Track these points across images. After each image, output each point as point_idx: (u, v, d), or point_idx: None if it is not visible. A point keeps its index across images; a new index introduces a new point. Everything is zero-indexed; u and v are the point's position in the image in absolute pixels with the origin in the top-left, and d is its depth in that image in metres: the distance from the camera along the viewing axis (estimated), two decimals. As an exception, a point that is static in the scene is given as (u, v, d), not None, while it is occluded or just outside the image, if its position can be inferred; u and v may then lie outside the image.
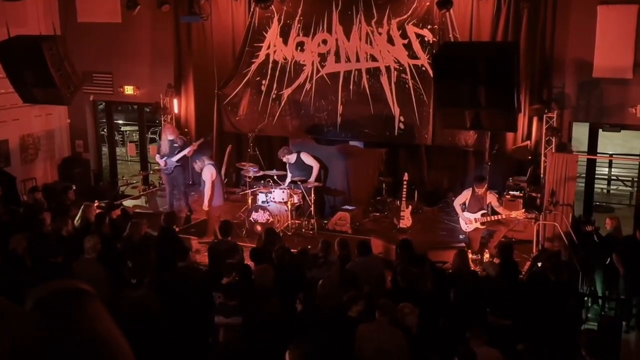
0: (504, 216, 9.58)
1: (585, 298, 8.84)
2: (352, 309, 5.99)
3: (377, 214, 11.68)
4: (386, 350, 5.58)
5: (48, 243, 7.75)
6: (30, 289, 0.82)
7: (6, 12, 11.11)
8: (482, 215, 9.58)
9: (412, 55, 11.84)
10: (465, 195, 9.73)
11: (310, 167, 11.33)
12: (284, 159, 11.45)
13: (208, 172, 11.00)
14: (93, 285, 0.92)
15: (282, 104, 12.82)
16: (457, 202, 9.83)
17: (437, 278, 7.25)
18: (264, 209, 10.65)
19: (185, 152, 11.39)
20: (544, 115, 10.88)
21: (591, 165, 11.92)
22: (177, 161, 11.38)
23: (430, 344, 5.99)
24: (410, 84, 11.91)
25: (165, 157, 11.42)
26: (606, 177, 15.17)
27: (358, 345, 5.70)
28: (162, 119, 13.46)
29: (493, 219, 9.59)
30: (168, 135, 11.53)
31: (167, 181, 11.76)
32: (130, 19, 13.33)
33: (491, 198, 9.66)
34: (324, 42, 12.38)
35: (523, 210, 9.88)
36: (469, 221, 9.66)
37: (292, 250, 8.18)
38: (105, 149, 15.74)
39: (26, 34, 10.97)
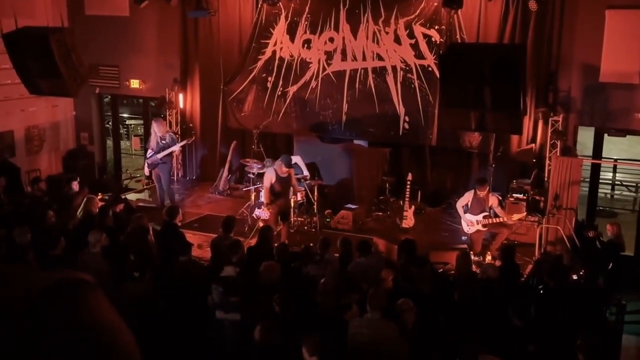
0: (505, 219, 9.57)
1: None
2: (349, 312, 5.99)
3: (380, 213, 11.68)
4: (378, 344, 5.60)
5: (49, 235, 7.77)
6: (30, 280, 0.83)
7: (14, 3, 11.15)
8: (484, 217, 9.57)
9: (419, 55, 11.83)
10: (467, 197, 9.72)
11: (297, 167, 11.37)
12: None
13: (267, 175, 10.17)
14: (96, 278, 0.93)
15: (288, 101, 12.81)
16: (459, 204, 9.82)
17: (437, 279, 7.25)
18: (267, 205, 10.63)
19: (171, 150, 11.21)
20: (550, 119, 10.86)
21: (595, 169, 11.89)
22: (162, 158, 11.19)
23: (428, 344, 6.00)
24: (416, 84, 11.90)
25: (152, 153, 11.29)
26: (610, 182, 15.14)
27: (350, 341, 5.72)
28: (167, 113, 13.48)
29: (494, 221, 9.58)
30: (156, 131, 11.31)
31: (154, 176, 11.63)
32: (137, 13, 13.35)
33: (493, 200, 9.64)
34: (331, 40, 12.37)
35: (525, 213, 9.85)
36: (470, 223, 9.65)
37: (294, 248, 8.20)
38: (110, 142, 15.77)
39: (34, 25, 10.99)
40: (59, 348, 0.75)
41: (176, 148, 11.24)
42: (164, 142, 11.22)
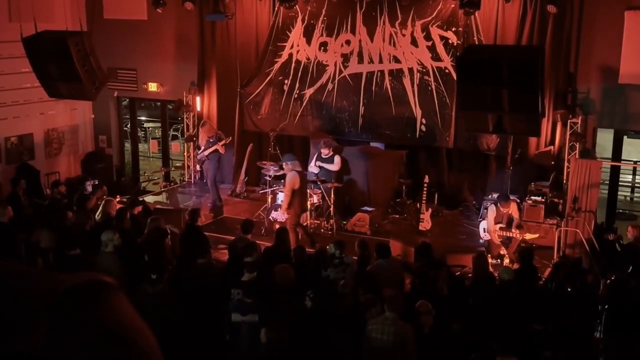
0: (516, 235, 9.40)
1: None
2: (369, 312, 5.99)
3: (397, 216, 11.64)
4: (395, 344, 5.60)
5: (67, 236, 7.84)
6: (52, 282, 0.83)
7: (34, 7, 11.27)
8: (500, 228, 9.49)
9: (436, 57, 11.79)
10: (492, 216, 9.55)
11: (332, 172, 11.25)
12: (323, 150, 11.14)
13: (289, 178, 9.99)
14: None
15: (304, 104, 12.83)
16: (489, 226, 9.56)
17: (454, 283, 7.22)
18: (284, 208, 10.63)
19: (213, 147, 11.62)
20: (568, 121, 10.77)
21: (615, 172, 11.77)
22: (208, 155, 11.72)
23: (444, 347, 5.97)
24: (433, 86, 11.85)
25: (201, 150, 11.89)
26: (630, 184, 14.98)
27: (366, 340, 5.73)
28: (185, 116, 13.55)
29: (506, 234, 9.45)
30: (204, 135, 11.85)
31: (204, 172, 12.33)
32: (155, 16, 13.44)
33: (513, 207, 9.53)
34: (347, 42, 12.37)
35: (537, 235, 9.70)
36: (486, 234, 9.64)
37: (309, 250, 8.20)
38: (127, 145, 15.88)
39: (53, 29, 11.11)
40: (81, 350, 0.75)
41: (217, 146, 11.68)
42: (211, 140, 11.74)
